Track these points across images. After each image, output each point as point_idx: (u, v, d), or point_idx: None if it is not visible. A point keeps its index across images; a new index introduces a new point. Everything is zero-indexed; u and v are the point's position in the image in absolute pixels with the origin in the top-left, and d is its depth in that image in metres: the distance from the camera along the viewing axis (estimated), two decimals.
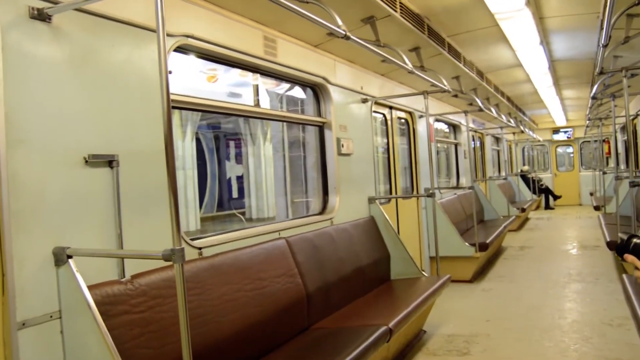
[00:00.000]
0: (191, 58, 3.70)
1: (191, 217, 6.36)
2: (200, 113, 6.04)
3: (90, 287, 2.49)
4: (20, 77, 2.38)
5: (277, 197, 6.79)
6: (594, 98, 8.95)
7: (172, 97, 2.20)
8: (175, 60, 3.80)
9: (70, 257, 2.47)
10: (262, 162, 7.60)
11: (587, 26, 6.29)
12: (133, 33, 3.01)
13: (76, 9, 2.64)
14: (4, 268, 2.29)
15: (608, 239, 7.70)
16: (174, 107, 3.27)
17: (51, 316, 2.46)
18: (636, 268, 1.76)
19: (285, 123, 5.91)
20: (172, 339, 2.74)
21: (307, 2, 3.63)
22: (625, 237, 1.79)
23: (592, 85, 8.89)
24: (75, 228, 2.61)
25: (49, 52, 2.54)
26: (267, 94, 5.95)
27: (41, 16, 2.48)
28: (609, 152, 17.48)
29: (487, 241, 7.98)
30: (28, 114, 2.41)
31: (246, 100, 5.72)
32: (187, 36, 3.39)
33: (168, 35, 3.08)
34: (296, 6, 3.23)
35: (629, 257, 1.76)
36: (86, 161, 2.67)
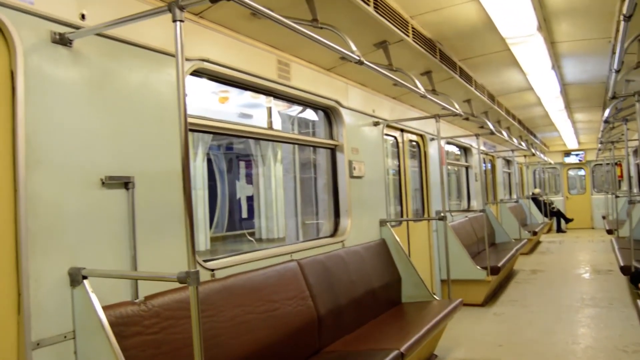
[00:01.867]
0: (203, 79, 3.75)
1: (201, 237, 6.39)
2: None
3: (104, 308, 2.51)
4: (40, 99, 2.44)
5: (287, 218, 6.80)
6: (606, 122, 8.94)
7: (188, 119, 2.23)
8: (190, 82, 3.85)
9: (85, 277, 2.50)
10: (273, 182, 7.63)
11: (598, 51, 6.32)
12: (150, 57, 3.07)
13: (96, 34, 2.70)
14: (20, 288, 2.32)
15: (622, 264, 7.62)
16: (190, 130, 3.31)
17: (65, 336, 2.48)
18: None
19: (296, 145, 5.96)
20: None
21: (321, 28, 3.68)
22: None
23: (604, 109, 8.91)
24: (91, 249, 2.64)
25: (68, 76, 2.59)
26: (279, 116, 6.00)
27: (62, 41, 2.54)
28: (621, 175, 17.38)
29: (499, 264, 7.93)
30: (47, 135, 2.46)
31: (257, 120, 5.76)
32: (203, 60, 3.45)
33: (185, 59, 3.13)
34: (310, 31, 3.28)
35: None
36: (103, 182, 2.70)
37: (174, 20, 2.17)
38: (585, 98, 9.93)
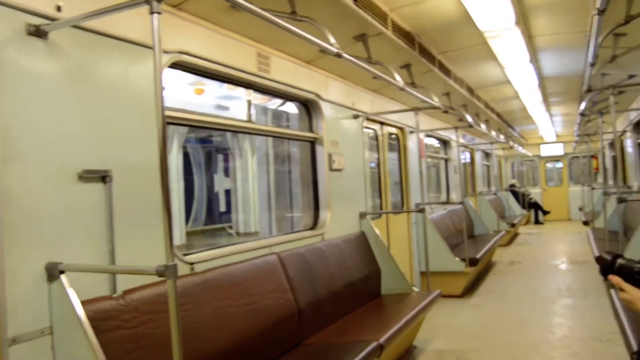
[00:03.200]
0: (182, 72, 3.72)
1: (176, 232, 6.33)
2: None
3: (82, 303, 2.49)
4: (15, 92, 2.40)
5: (260, 212, 6.75)
6: (582, 115, 9.08)
7: (166, 112, 2.21)
8: (168, 75, 3.82)
9: (62, 272, 2.47)
10: (250, 176, 7.58)
11: (575, 45, 6.39)
12: (128, 49, 3.03)
13: (73, 26, 2.67)
14: None
15: (597, 254, 7.75)
16: (168, 123, 3.29)
17: (42, 332, 2.45)
18: (621, 289, 1.75)
19: (275, 138, 5.95)
20: (163, 355, 2.73)
21: (301, 21, 3.68)
22: (609, 257, 1.79)
23: (581, 102, 9.02)
24: (68, 243, 2.61)
25: (44, 68, 2.56)
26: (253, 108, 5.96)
27: (38, 33, 2.50)
28: (597, 168, 17.65)
29: (477, 256, 8.02)
30: (23, 129, 2.43)
31: (234, 112, 5.72)
32: (182, 53, 3.42)
33: (163, 51, 3.11)
34: (289, 24, 3.28)
35: (614, 279, 1.75)
36: (80, 176, 2.67)
37: (152, 12, 2.15)
38: (563, 91, 10.06)
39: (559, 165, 20.86)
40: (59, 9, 2.62)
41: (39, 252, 2.46)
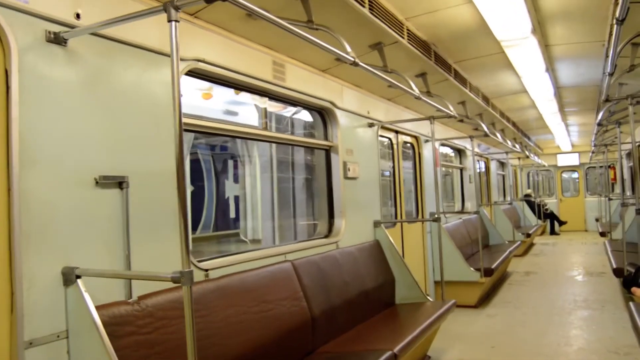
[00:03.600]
0: (198, 80, 3.74)
1: None
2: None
3: (97, 308, 2.50)
4: (34, 98, 2.43)
5: (263, 220, 6.67)
6: (599, 125, 8.98)
7: (183, 119, 2.23)
8: (185, 82, 3.85)
9: (79, 277, 2.49)
10: (258, 183, 7.52)
11: (592, 54, 6.35)
12: (145, 57, 3.07)
13: (91, 33, 2.70)
14: (13, 287, 2.32)
15: (614, 266, 7.66)
16: (185, 130, 3.31)
17: (58, 336, 2.47)
18: None
19: (292, 146, 5.95)
20: None
21: (317, 29, 3.69)
22: (632, 270, 1.76)
23: (598, 112, 8.94)
24: (84, 248, 2.63)
25: (63, 75, 2.59)
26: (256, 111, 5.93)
27: (57, 40, 2.54)
28: (615, 178, 17.46)
29: (493, 266, 7.95)
30: (41, 134, 2.46)
31: (243, 117, 5.69)
32: (198, 60, 3.45)
33: (180, 59, 3.14)
34: (305, 32, 3.29)
35: (638, 291, 1.72)
36: (97, 182, 2.70)
37: (169, 20, 2.17)
38: (579, 101, 9.98)
39: (575, 175, 20.67)
40: (78, 16, 2.66)
41: (55, 257, 2.49)
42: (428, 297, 5.82)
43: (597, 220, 16.22)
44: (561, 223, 18.77)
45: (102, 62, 2.81)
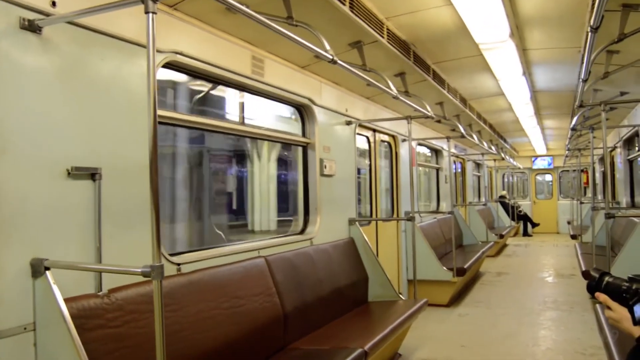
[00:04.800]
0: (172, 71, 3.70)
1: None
2: None
3: (66, 300, 2.47)
4: (6, 86, 2.39)
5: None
6: (573, 129, 9.13)
7: (158, 112, 2.21)
8: (162, 75, 3.81)
9: (47, 268, 2.46)
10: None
11: (568, 60, 6.44)
12: (122, 47, 3.03)
13: (67, 22, 2.66)
14: None
15: (584, 268, 7.81)
16: (160, 123, 3.28)
17: (25, 328, 2.43)
18: (607, 307, 1.74)
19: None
20: (146, 355, 2.72)
21: (296, 26, 3.68)
22: (597, 275, 1.78)
23: (572, 117, 9.08)
24: (55, 240, 2.60)
25: (37, 63, 2.55)
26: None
27: (32, 27, 2.49)
28: (587, 182, 17.76)
29: (465, 266, 8.04)
30: (13, 123, 2.41)
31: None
32: (176, 53, 3.42)
33: (157, 51, 3.11)
34: (285, 29, 3.28)
35: (601, 297, 1.74)
36: (69, 173, 2.66)
37: (147, 12, 2.14)
38: (555, 105, 10.12)
39: (549, 178, 20.98)
40: (53, 4, 2.62)
41: (24, 248, 2.45)
42: (400, 296, 5.87)
43: (569, 223, 16.48)
44: (534, 225, 19.05)
45: (78, 51, 2.77)
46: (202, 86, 4.69)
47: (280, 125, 5.51)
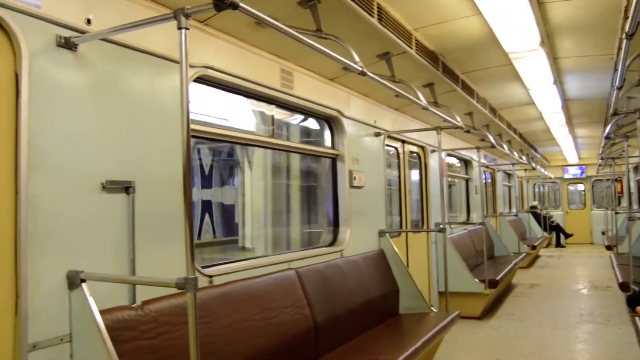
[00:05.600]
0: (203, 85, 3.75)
1: None
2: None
3: (101, 312, 2.51)
4: (43, 102, 2.45)
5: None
6: (607, 138, 8.96)
7: (191, 126, 2.24)
8: (193, 89, 3.86)
9: (83, 280, 2.50)
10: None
11: (600, 67, 6.34)
12: (154, 63, 3.09)
13: (101, 39, 2.72)
14: (18, 289, 2.33)
15: (620, 280, 7.61)
16: (192, 137, 3.32)
17: (62, 339, 2.48)
18: None
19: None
20: None
21: (325, 38, 3.70)
22: (637, 288, 1.74)
23: (605, 125, 8.92)
24: (90, 252, 2.64)
25: (72, 80, 2.61)
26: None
27: (68, 44, 2.56)
28: (622, 192, 17.38)
29: (497, 278, 7.92)
30: (50, 138, 2.47)
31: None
32: (207, 67, 3.47)
33: (189, 66, 3.15)
34: (314, 41, 3.30)
35: None
36: (103, 187, 2.71)
37: (179, 28, 2.18)
38: (587, 114, 9.95)
39: (581, 187, 20.59)
40: (88, 22, 2.68)
41: (61, 260, 2.50)
42: (432, 308, 5.80)
43: (603, 233, 16.12)
44: (567, 235, 18.67)
45: (111, 67, 2.83)
46: None
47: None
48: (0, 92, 2.32)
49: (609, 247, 12.80)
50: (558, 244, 18.57)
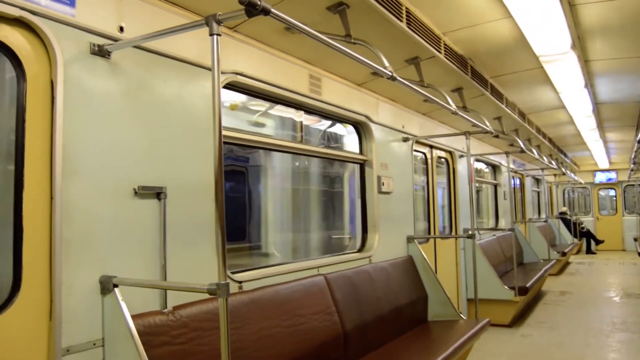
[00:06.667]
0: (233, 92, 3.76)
1: None
2: None
3: (133, 317, 2.53)
4: (78, 109, 2.49)
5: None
6: (639, 142, 8.78)
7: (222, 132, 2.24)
8: (222, 95, 3.88)
9: (116, 286, 2.52)
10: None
11: (632, 70, 6.24)
12: (185, 69, 3.11)
13: (134, 46, 2.75)
14: (52, 294, 2.35)
15: None
16: (224, 142, 3.34)
17: (94, 344, 2.50)
18: None
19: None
20: None
21: (354, 43, 3.69)
22: None
23: (638, 129, 8.75)
24: (122, 257, 2.66)
25: (106, 87, 2.64)
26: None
27: (101, 52, 2.59)
28: None
29: (527, 285, 7.79)
30: (84, 145, 2.51)
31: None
32: (237, 73, 3.48)
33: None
34: (343, 46, 3.29)
35: None
36: (136, 192, 2.74)
37: (211, 34, 2.19)
38: (618, 117, 9.78)
39: (612, 193, 20.19)
40: (121, 29, 2.72)
41: (94, 265, 2.52)
42: (461, 315, 5.73)
43: (635, 240, 15.78)
44: (598, 242, 18.31)
45: (143, 74, 2.86)
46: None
47: None
48: (36, 99, 2.36)
49: None
50: (589, 251, 18.22)
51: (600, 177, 19.79)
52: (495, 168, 10.85)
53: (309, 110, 4.67)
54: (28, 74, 2.34)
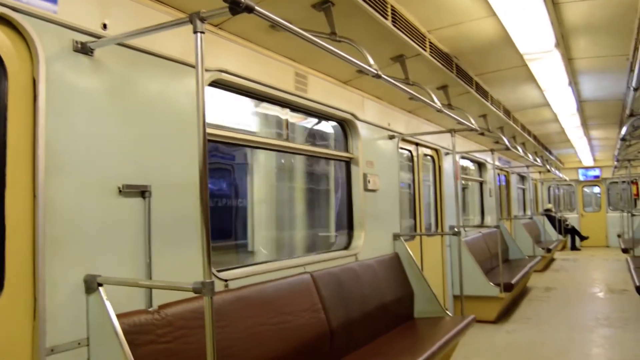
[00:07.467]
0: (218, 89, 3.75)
1: None
2: None
3: (118, 316, 2.51)
4: (61, 107, 2.46)
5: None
6: (623, 139, 8.87)
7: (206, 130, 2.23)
8: (207, 93, 3.86)
9: (100, 285, 2.50)
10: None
11: (616, 68, 6.29)
12: (169, 67, 3.09)
13: (117, 44, 2.73)
14: (36, 293, 2.33)
15: (637, 283, 7.50)
16: (208, 140, 3.33)
17: (79, 343, 2.48)
18: None
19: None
20: None
21: (339, 41, 3.69)
22: None
23: (621, 126, 8.83)
24: (107, 256, 2.65)
25: (89, 84, 2.62)
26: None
27: (84, 49, 2.57)
28: (638, 194, 17.19)
29: (513, 281, 7.85)
30: (67, 142, 2.48)
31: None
32: (222, 71, 3.47)
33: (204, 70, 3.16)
34: (328, 44, 3.29)
35: None
36: (120, 191, 2.72)
37: (195, 32, 2.18)
38: (602, 115, 9.87)
39: (597, 190, 20.38)
40: (104, 26, 2.70)
41: (78, 264, 2.50)
42: (447, 312, 5.76)
43: (619, 236, 15.93)
44: (582, 238, 18.49)
45: (127, 71, 2.84)
46: None
47: None
48: (18, 97, 2.33)
49: (625, 250, 12.65)
50: (573, 247, 18.40)
51: (585, 175, 19.97)
52: (480, 165, 10.91)
53: (295, 108, 4.67)
54: (9, 71, 2.32)
